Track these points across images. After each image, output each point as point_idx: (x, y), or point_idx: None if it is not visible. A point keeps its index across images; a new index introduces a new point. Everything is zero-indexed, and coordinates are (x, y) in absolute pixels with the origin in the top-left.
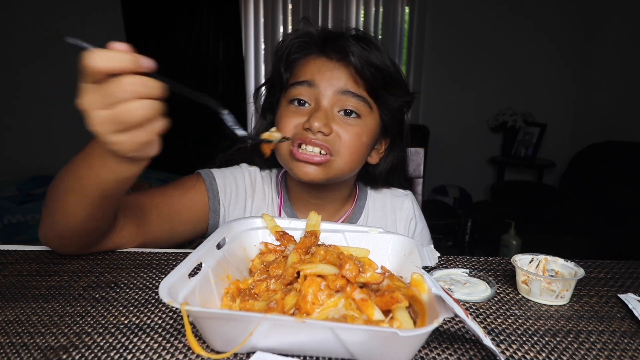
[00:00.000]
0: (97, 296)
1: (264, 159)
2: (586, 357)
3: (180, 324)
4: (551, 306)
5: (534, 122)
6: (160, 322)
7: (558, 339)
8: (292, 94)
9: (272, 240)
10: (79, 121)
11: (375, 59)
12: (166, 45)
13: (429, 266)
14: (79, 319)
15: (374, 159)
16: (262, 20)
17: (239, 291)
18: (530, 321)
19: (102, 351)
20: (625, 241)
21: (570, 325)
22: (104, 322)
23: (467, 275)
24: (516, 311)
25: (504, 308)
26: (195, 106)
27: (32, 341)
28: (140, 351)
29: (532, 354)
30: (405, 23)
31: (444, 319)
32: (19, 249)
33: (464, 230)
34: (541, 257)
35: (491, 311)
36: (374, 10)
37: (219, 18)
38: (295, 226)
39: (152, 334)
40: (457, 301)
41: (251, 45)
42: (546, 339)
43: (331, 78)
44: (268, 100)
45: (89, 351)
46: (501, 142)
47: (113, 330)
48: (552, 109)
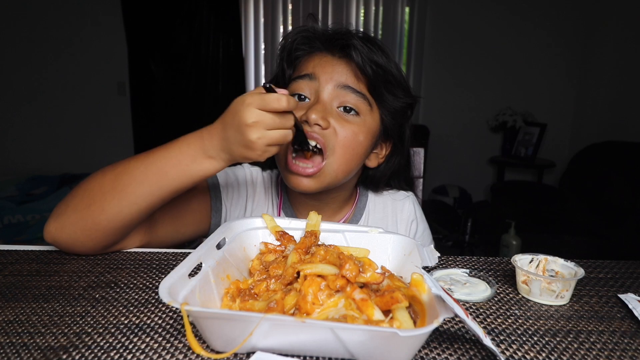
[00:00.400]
0: (97, 296)
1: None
2: (586, 357)
3: (180, 324)
4: (551, 306)
5: (534, 122)
6: (160, 322)
7: (558, 339)
8: (293, 88)
9: (272, 240)
10: (79, 121)
11: (378, 58)
12: (166, 45)
13: (429, 266)
14: (79, 319)
15: (372, 162)
16: (262, 20)
17: (239, 291)
18: (530, 321)
19: (102, 351)
20: (625, 241)
21: (570, 325)
22: (104, 322)
23: (467, 275)
24: (516, 311)
25: (504, 308)
26: (199, 107)
27: (32, 341)
28: (140, 351)
29: (532, 354)
30: (405, 23)
31: (444, 319)
32: (19, 249)
33: (464, 230)
34: (541, 257)
35: (491, 311)
36: (374, 10)
37: (219, 18)
38: (295, 226)
39: (152, 334)
40: (457, 301)
41: (251, 45)
42: (546, 339)
43: (332, 72)
44: None
45: (89, 351)
46: (501, 142)
47: (113, 330)
48: (552, 109)
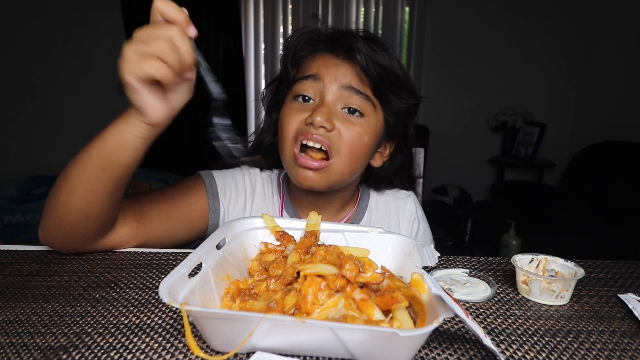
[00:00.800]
0: (97, 296)
1: (265, 159)
2: (586, 357)
3: (180, 324)
4: (551, 306)
5: (534, 122)
6: (160, 322)
7: (558, 339)
8: (297, 89)
9: (272, 240)
10: (78, 121)
11: (383, 59)
12: None
13: (429, 266)
14: (79, 319)
15: (376, 162)
16: (262, 20)
17: (239, 291)
18: (530, 321)
19: (102, 351)
20: (625, 241)
21: (570, 325)
22: (104, 322)
23: (467, 275)
24: (516, 311)
25: (504, 308)
26: (196, 107)
27: (32, 341)
28: (140, 351)
29: (532, 354)
30: (405, 23)
31: (444, 319)
32: (19, 249)
33: (464, 230)
34: (541, 257)
35: (491, 311)
36: (374, 10)
37: (219, 18)
38: (295, 226)
39: (152, 334)
40: (457, 301)
41: (251, 45)
42: (546, 339)
43: (336, 73)
44: (275, 97)
45: (89, 351)
46: (501, 142)
47: (113, 330)
48: (552, 109)
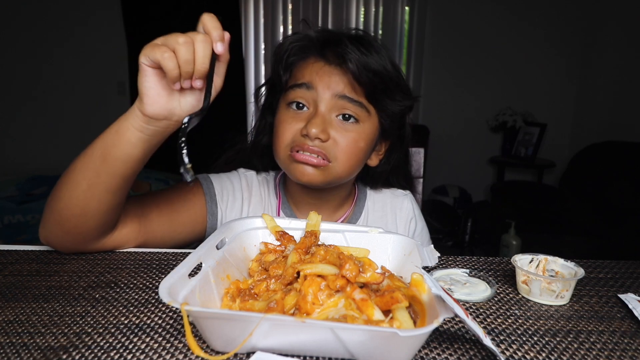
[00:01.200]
0: (97, 296)
1: (261, 160)
2: (586, 357)
3: (180, 324)
4: (551, 306)
5: (534, 122)
6: (160, 322)
7: (558, 339)
8: (291, 96)
9: (272, 240)
10: (79, 121)
11: (375, 63)
12: None
13: (429, 266)
14: (79, 319)
15: (373, 161)
16: (262, 20)
17: (239, 291)
18: (530, 321)
19: (102, 351)
20: (625, 241)
21: (570, 325)
22: (104, 322)
23: (467, 275)
24: (516, 311)
25: (504, 308)
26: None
27: (32, 341)
28: (140, 351)
29: (532, 354)
30: (405, 23)
31: (444, 319)
32: (19, 249)
33: (464, 230)
34: (541, 257)
35: (491, 311)
36: (374, 10)
37: (219, 18)
38: (295, 226)
39: (152, 334)
40: (457, 301)
41: (251, 45)
42: (546, 339)
43: (329, 81)
44: (268, 100)
45: (89, 351)
46: (501, 142)
47: (113, 330)
48: (552, 109)
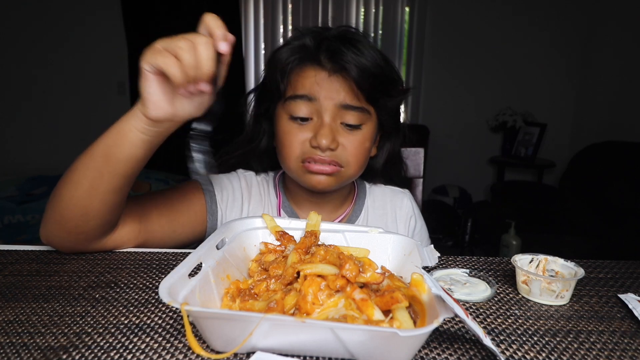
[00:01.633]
0: (97, 296)
1: (261, 163)
2: (586, 357)
3: (180, 324)
4: (551, 306)
5: (534, 122)
6: (160, 322)
7: (558, 339)
8: (293, 109)
9: (272, 240)
10: (78, 121)
11: (372, 65)
12: None
13: (429, 266)
14: (79, 319)
15: (372, 151)
16: (262, 20)
17: (239, 291)
18: (530, 321)
19: (102, 351)
20: (625, 241)
21: (570, 325)
22: (104, 322)
23: (467, 275)
24: (516, 311)
25: (504, 308)
26: None
27: (32, 341)
28: (140, 351)
29: (532, 354)
30: (405, 23)
31: (444, 319)
32: (19, 249)
33: (464, 230)
34: (541, 257)
35: (491, 311)
36: (374, 10)
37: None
38: (295, 226)
39: (152, 334)
40: (457, 301)
41: (251, 45)
42: (546, 339)
43: (330, 90)
44: (263, 106)
45: (89, 351)
46: (501, 142)
47: (113, 330)
48: (552, 109)
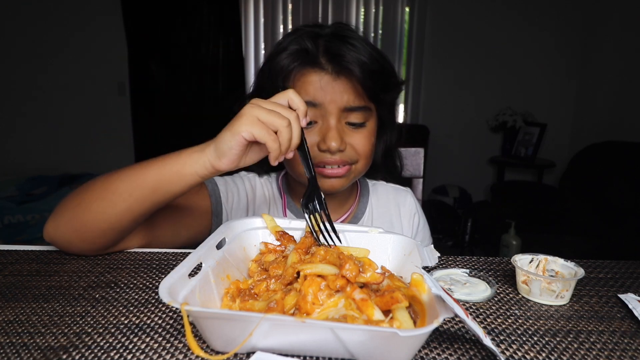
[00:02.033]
0: (97, 296)
1: (262, 166)
2: (586, 357)
3: (180, 324)
4: (551, 306)
5: (534, 122)
6: (160, 322)
7: (558, 339)
8: None
9: (272, 240)
10: (79, 121)
11: (370, 60)
12: (166, 45)
13: (429, 266)
14: (79, 319)
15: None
16: (262, 20)
17: (239, 291)
18: (530, 321)
19: (102, 351)
20: (625, 241)
21: (570, 325)
22: (104, 322)
23: (467, 275)
24: (516, 311)
25: (504, 308)
26: (199, 107)
27: (32, 341)
28: (140, 351)
29: (532, 354)
30: (405, 23)
31: (444, 319)
32: (19, 249)
33: (464, 230)
34: (541, 257)
35: (491, 311)
36: (374, 10)
37: (219, 18)
38: (295, 226)
39: (152, 334)
40: (457, 301)
41: (251, 45)
42: (546, 339)
43: (333, 94)
44: None
45: (89, 351)
46: (501, 142)
47: (113, 330)
48: (552, 109)
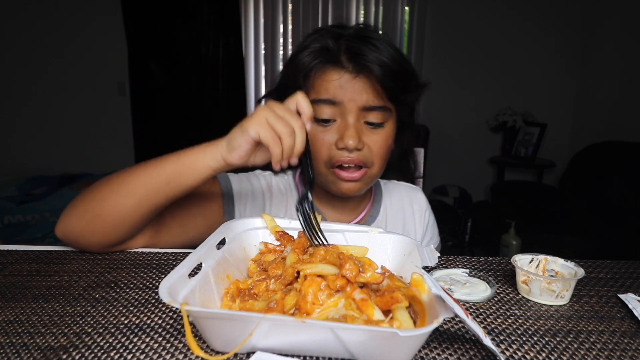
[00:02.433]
0: (97, 296)
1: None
2: (586, 357)
3: (180, 324)
4: (551, 306)
5: (534, 122)
6: (160, 322)
7: (558, 339)
8: (316, 112)
9: (272, 240)
10: (79, 121)
11: (391, 61)
12: (166, 45)
13: (429, 266)
14: (79, 319)
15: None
16: (262, 20)
17: (239, 291)
18: (530, 321)
19: (102, 351)
20: (625, 241)
21: (570, 325)
22: (104, 322)
23: (467, 275)
24: (516, 311)
25: (504, 308)
26: (199, 106)
27: (32, 341)
28: (140, 351)
29: (532, 354)
30: (405, 23)
31: (444, 319)
32: (19, 249)
33: (464, 230)
34: (541, 257)
35: (491, 311)
36: (374, 10)
37: (219, 18)
38: (295, 226)
39: (152, 334)
40: (457, 301)
41: (251, 45)
42: (546, 339)
43: (353, 93)
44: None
45: (89, 351)
46: (501, 142)
47: (113, 330)
48: (552, 109)
